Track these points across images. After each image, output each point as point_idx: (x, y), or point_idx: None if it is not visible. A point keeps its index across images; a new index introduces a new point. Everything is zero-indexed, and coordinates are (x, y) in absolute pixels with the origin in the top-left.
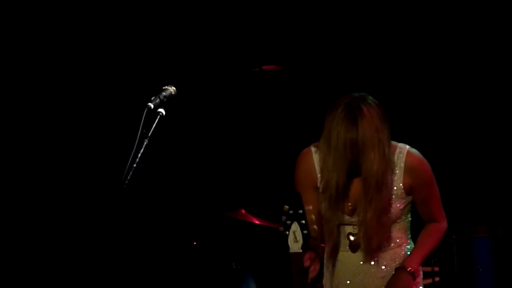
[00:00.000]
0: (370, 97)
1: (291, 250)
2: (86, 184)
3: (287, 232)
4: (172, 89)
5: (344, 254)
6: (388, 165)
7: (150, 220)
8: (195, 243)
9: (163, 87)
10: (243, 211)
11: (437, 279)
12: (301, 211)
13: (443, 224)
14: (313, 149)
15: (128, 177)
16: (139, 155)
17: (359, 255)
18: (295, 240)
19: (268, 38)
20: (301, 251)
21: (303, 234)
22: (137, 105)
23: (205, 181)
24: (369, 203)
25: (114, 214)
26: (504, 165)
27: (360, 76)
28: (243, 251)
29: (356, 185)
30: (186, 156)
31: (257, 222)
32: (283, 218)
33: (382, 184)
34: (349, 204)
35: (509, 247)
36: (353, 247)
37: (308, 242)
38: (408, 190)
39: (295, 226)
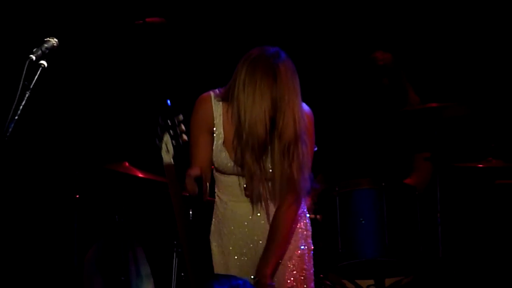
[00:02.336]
0: (284, 53)
1: (164, 161)
2: None
3: (160, 143)
4: (54, 41)
5: (238, 205)
6: (303, 121)
7: (32, 172)
8: (77, 195)
9: (45, 39)
10: (127, 163)
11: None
12: (170, 122)
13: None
14: (212, 95)
15: (10, 129)
16: (21, 107)
17: (252, 207)
18: (167, 151)
19: None
20: (172, 162)
21: (173, 145)
22: (19, 57)
23: (87, 134)
24: (288, 158)
25: None
26: (389, 121)
27: (244, 29)
28: (126, 204)
29: (272, 140)
30: (69, 108)
31: (140, 175)
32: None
33: (300, 140)
34: (256, 158)
35: (392, 199)
36: (248, 198)
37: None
38: None
39: (166, 137)
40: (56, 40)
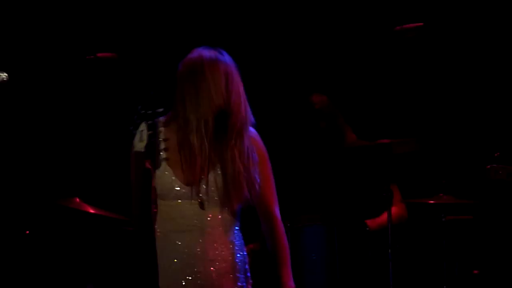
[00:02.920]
0: (226, 53)
1: (136, 149)
2: None
3: (135, 131)
4: (4, 75)
5: (179, 235)
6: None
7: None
8: (28, 231)
9: None
10: (78, 199)
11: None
12: (150, 112)
13: (279, 216)
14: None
15: None
16: None
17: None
18: (140, 139)
19: (103, 26)
20: (143, 150)
21: (148, 135)
22: None
23: (39, 168)
24: (239, 152)
25: None
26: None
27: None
28: (78, 240)
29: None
30: (20, 143)
31: (91, 211)
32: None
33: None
34: (201, 137)
35: (342, 236)
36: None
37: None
38: None
39: (143, 126)
40: (6, 75)
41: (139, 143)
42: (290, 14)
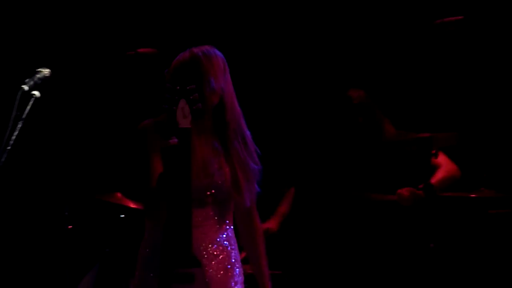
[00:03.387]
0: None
1: (180, 125)
2: None
3: (175, 107)
4: (46, 71)
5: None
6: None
7: (24, 203)
8: (70, 226)
9: (37, 69)
10: (119, 194)
11: None
12: (189, 88)
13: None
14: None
15: (2, 160)
16: (13, 137)
17: None
18: (184, 116)
19: (144, 21)
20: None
21: (192, 110)
22: (12, 87)
23: (81, 163)
24: (239, 143)
25: None
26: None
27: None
28: (117, 234)
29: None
30: (62, 139)
31: (133, 206)
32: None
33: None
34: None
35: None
36: None
37: None
38: None
39: (183, 103)
40: (49, 70)
41: (184, 120)
42: (327, 7)
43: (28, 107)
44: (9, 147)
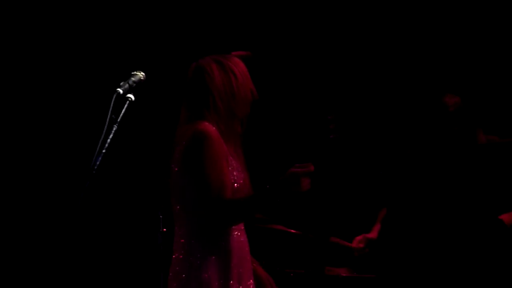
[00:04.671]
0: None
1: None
2: (56, 170)
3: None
4: (141, 74)
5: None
6: None
7: (120, 206)
8: (165, 229)
9: (132, 72)
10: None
11: None
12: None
13: None
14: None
15: (97, 163)
16: (108, 141)
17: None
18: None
19: (237, 23)
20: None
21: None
22: (107, 90)
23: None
24: None
25: (84, 200)
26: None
27: (323, 63)
28: None
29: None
30: (157, 141)
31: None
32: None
33: None
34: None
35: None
36: None
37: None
38: None
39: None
40: (143, 74)
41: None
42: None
43: (123, 110)
44: (104, 150)
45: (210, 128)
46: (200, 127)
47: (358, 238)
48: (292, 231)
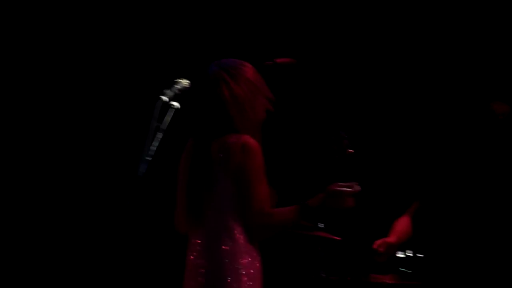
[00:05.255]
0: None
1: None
2: (102, 177)
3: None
4: (185, 82)
5: None
6: None
7: (165, 212)
8: None
9: (176, 80)
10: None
11: None
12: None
13: None
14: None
15: (143, 170)
16: (154, 148)
17: None
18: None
19: (281, 30)
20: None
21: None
22: (151, 98)
23: None
24: None
25: (130, 205)
26: None
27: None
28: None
29: None
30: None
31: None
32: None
33: None
34: None
35: None
36: None
37: None
38: None
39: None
40: (188, 81)
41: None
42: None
43: (168, 118)
44: (149, 158)
45: (254, 141)
46: (246, 140)
47: (378, 242)
48: (336, 238)
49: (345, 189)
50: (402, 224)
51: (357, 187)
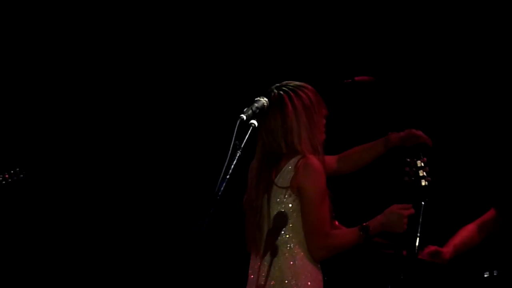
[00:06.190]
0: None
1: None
2: (181, 196)
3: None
4: (264, 100)
5: None
6: None
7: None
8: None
9: (256, 99)
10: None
11: None
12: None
13: None
14: None
15: (222, 189)
16: (232, 166)
17: None
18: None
19: (361, 48)
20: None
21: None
22: (230, 116)
23: None
24: None
25: (208, 225)
26: None
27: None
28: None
29: None
30: None
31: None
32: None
33: None
34: None
35: None
36: None
37: None
38: None
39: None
40: (267, 100)
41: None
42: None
43: (247, 136)
44: (228, 176)
45: (317, 161)
46: (310, 160)
47: (432, 248)
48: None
49: (403, 211)
50: (464, 234)
51: (412, 210)
